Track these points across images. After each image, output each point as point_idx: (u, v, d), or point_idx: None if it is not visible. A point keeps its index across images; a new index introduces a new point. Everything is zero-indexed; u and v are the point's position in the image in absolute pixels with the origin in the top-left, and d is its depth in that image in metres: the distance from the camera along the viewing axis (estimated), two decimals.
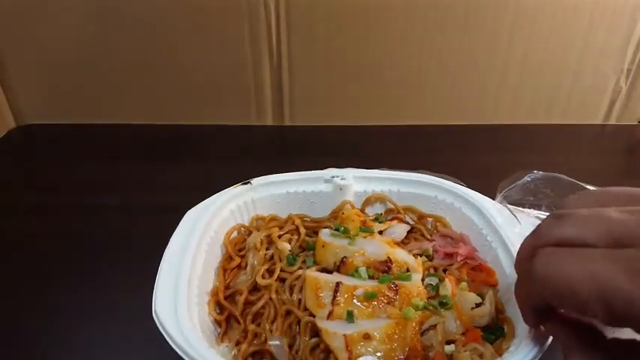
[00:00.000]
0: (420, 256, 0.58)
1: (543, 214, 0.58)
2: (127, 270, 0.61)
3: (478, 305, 0.51)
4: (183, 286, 0.49)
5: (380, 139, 0.97)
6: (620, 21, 0.76)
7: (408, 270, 0.54)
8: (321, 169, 0.67)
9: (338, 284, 0.51)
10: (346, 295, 0.50)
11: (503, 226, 0.58)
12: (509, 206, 0.61)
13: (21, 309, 0.58)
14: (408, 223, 0.63)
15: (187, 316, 0.46)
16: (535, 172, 0.63)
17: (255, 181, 0.65)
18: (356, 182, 0.66)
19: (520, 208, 0.60)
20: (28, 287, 0.61)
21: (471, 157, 0.91)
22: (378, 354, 0.46)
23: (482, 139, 0.98)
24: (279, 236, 0.61)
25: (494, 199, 0.62)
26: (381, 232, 0.61)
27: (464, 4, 0.77)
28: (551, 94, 0.92)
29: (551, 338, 0.43)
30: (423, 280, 0.54)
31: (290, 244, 0.61)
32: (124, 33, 0.78)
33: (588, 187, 0.66)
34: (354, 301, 0.50)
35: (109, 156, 0.80)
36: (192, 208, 0.59)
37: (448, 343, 0.49)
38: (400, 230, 0.61)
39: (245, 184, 0.64)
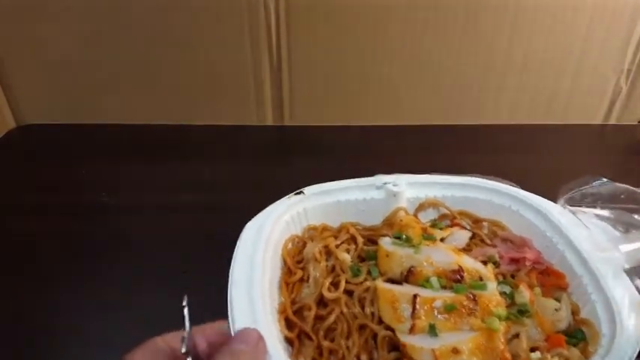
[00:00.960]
0: (486, 263, 0.57)
1: (605, 215, 0.57)
2: (127, 270, 0.59)
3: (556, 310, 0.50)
4: (258, 303, 0.47)
5: (380, 139, 0.96)
6: (620, 21, 0.76)
7: (481, 279, 0.53)
8: (363, 175, 0.65)
9: (416, 297, 0.49)
10: (425, 308, 0.49)
11: (569, 227, 0.57)
12: (569, 207, 0.60)
13: (21, 309, 0.57)
14: (466, 228, 0.62)
15: (268, 328, 0.44)
16: (603, 179, 0.63)
17: (308, 190, 0.63)
18: (408, 188, 0.65)
19: (581, 208, 0.59)
20: (28, 287, 0.60)
21: (472, 155, 0.90)
22: None
23: (481, 139, 0.97)
24: (337, 246, 0.59)
25: None
26: (442, 240, 0.59)
27: (464, 4, 0.77)
28: (551, 94, 0.91)
29: None
30: None
31: (349, 253, 0.59)
32: (124, 33, 0.78)
33: None
34: (435, 313, 0.48)
35: (109, 156, 0.80)
36: (252, 220, 0.57)
37: (532, 350, 0.47)
38: (462, 237, 0.60)
39: (298, 194, 0.62)
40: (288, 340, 0.51)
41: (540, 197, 0.61)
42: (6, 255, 0.65)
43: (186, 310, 0.37)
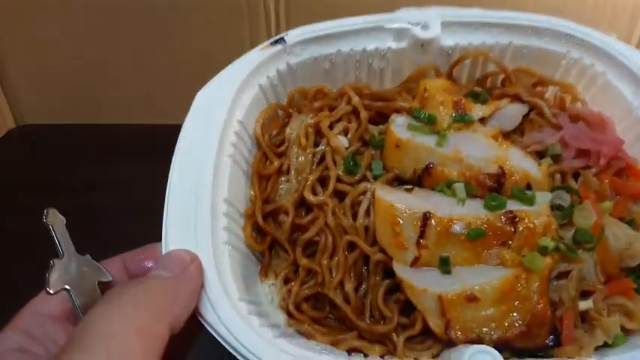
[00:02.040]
0: (542, 156, 0.39)
1: None
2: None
3: None
4: (203, 221, 0.34)
5: None
6: (620, 21, 0.76)
7: (529, 186, 0.37)
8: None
9: (427, 216, 0.34)
10: (439, 231, 0.34)
11: None
12: None
13: (21, 309, 0.56)
14: (522, 99, 0.42)
15: (213, 268, 0.33)
16: None
17: (291, 36, 0.43)
18: (444, 32, 0.43)
19: None
20: (28, 287, 0.57)
21: None
22: (492, 324, 0.32)
23: None
24: (331, 126, 0.42)
25: None
26: (482, 120, 0.41)
27: (464, 4, 0.69)
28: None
29: None
30: None
31: (347, 135, 0.42)
32: (124, 33, 0.79)
33: None
34: (451, 241, 0.34)
35: (109, 156, 0.82)
36: (202, 90, 0.41)
37: (583, 295, 0.34)
38: (513, 114, 0.41)
39: (277, 42, 0.43)
40: (257, 253, 0.40)
41: None
42: (6, 255, 0.66)
43: (52, 229, 0.32)
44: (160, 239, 0.40)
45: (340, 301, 0.37)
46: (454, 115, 0.40)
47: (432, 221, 0.34)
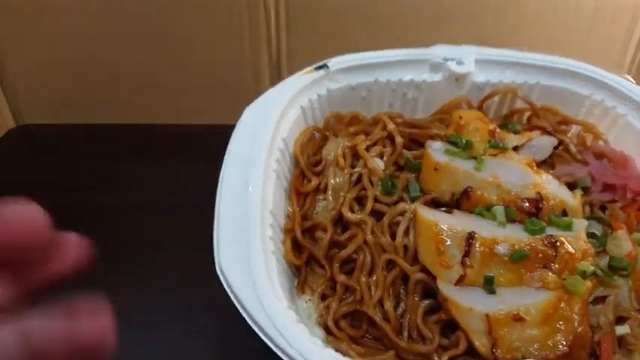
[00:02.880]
0: (572, 188, 0.41)
1: None
2: (128, 270, 0.58)
3: None
4: (254, 227, 0.34)
5: None
6: (620, 21, 0.76)
7: (565, 212, 0.38)
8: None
9: (472, 236, 0.35)
10: (483, 252, 0.35)
11: None
12: None
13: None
14: (551, 133, 0.44)
15: (264, 271, 0.33)
16: None
17: (334, 63, 0.45)
18: (477, 68, 0.46)
19: None
20: None
21: None
22: (536, 345, 0.32)
23: None
24: (367, 149, 0.44)
25: None
26: (515, 149, 0.43)
27: (464, 6, 0.74)
28: None
29: None
30: None
31: (382, 158, 0.44)
32: (124, 33, 0.78)
33: None
34: (495, 261, 0.35)
35: (109, 156, 0.82)
36: (250, 106, 0.42)
37: (619, 320, 0.35)
38: (544, 146, 0.43)
39: (320, 68, 0.45)
40: (296, 268, 0.40)
41: None
42: None
43: None
44: (160, 240, 0.38)
45: (380, 320, 0.36)
46: (490, 141, 0.42)
47: (477, 241, 0.35)
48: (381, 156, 0.44)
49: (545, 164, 0.43)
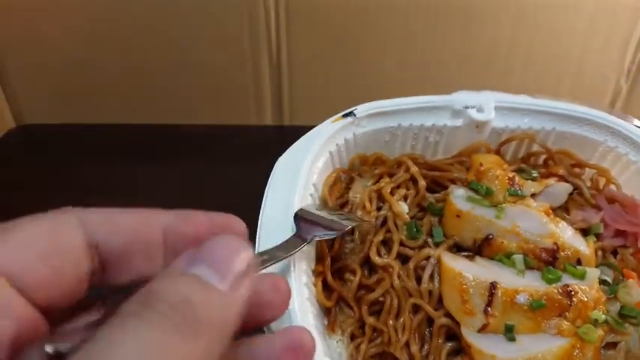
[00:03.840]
0: (585, 232, 0.44)
1: None
2: None
3: None
4: (291, 267, 0.37)
5: None
6: (620, 21, 0.76)
7: (579, 261, 0.41)
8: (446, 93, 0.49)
9: (494, 286, 0.38)
10: (504, 299, 0.38)
11: None
12: None
13: None
14: (567, 180, 0.47)
15: (298, 305, 0.35)
16: None
17: (360, 110, 0.48)
18: (496, 115, 0.49)
19: None
20: None
21: None
22: None
23: None
24: (392, 191, 0.46)
25: None
26: (532, 196, 0.45)
27: (465, 4, 0.76)
28: (551, 94, 0.86)
29: None
30: None
31: (406, 201, 0.46)
32: (124, 33, 0.78)
33: None
34: (515, 310, 0.38)
35: (109, 156, 0.82)
36: (286, 153, 0.44)
37: None
38: (560, 192, 0.46)
39: (347, 115, 0.47)
40: (324, 309, 0.43)
41: None
42: None
43: None
44: None
45: None
46: (509, 189, 0.44)
47: (499, 291, 0.38)
48: (405, 198, 0.46)
49: (560, 208, 0.46)
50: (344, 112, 0.47)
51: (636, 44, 0.80)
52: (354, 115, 0.47)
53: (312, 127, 0.58)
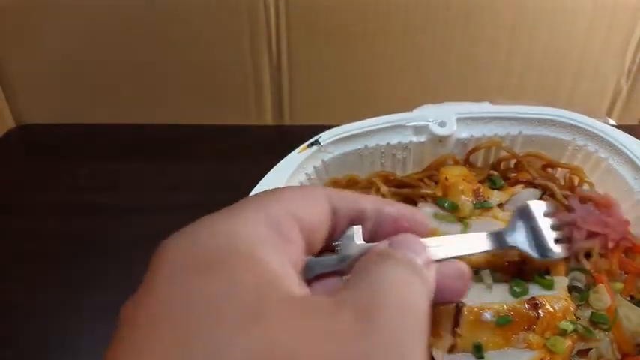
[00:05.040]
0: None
1: None
2: (128, 270, 0.61)
3: None
4: None
5: None
6: (620, 21, 0.76)
7: (547, 270, 0.41)
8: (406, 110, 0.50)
9: (459, 308, 0.39)
10: (470, 318, 0.39)
11: None
12: None
13: (21, 309, 0.58)
14: (536, 184, 0.47)
15: None
16: None
17: (324, 138, 0.49)
18: (460, 126, 0.49)
19: None
20: (27, 287, 0.61)
21: None
22: None
23: None
24: None
25: None
26: (500, 206, 0.46)
27: (464, 5, 0.76)
28: (551, 94, 0.88)
29: None
30: None
31: None
32: (124, 33, 0.79)
33: None
34: (482, 327, 0.39)
35: (108, 156, 0.82)
36: (255, 189, 0.46)
37: None
38: (528, 198, 0.46)
39: (312, 144, 0.49)
40: None
41: None
42: (5, 255, 0.66)
43: None
44: (160, 240, 0.39)
45: None
46: (474, 202, 0.45)
47: (465, 310, 0.39)
48: None
49: None
50: (308, 142, 0.48)
51: (636, 44, 0.80)
52: (319, 143, 0.48)
53: (312, 127, 0.57)
